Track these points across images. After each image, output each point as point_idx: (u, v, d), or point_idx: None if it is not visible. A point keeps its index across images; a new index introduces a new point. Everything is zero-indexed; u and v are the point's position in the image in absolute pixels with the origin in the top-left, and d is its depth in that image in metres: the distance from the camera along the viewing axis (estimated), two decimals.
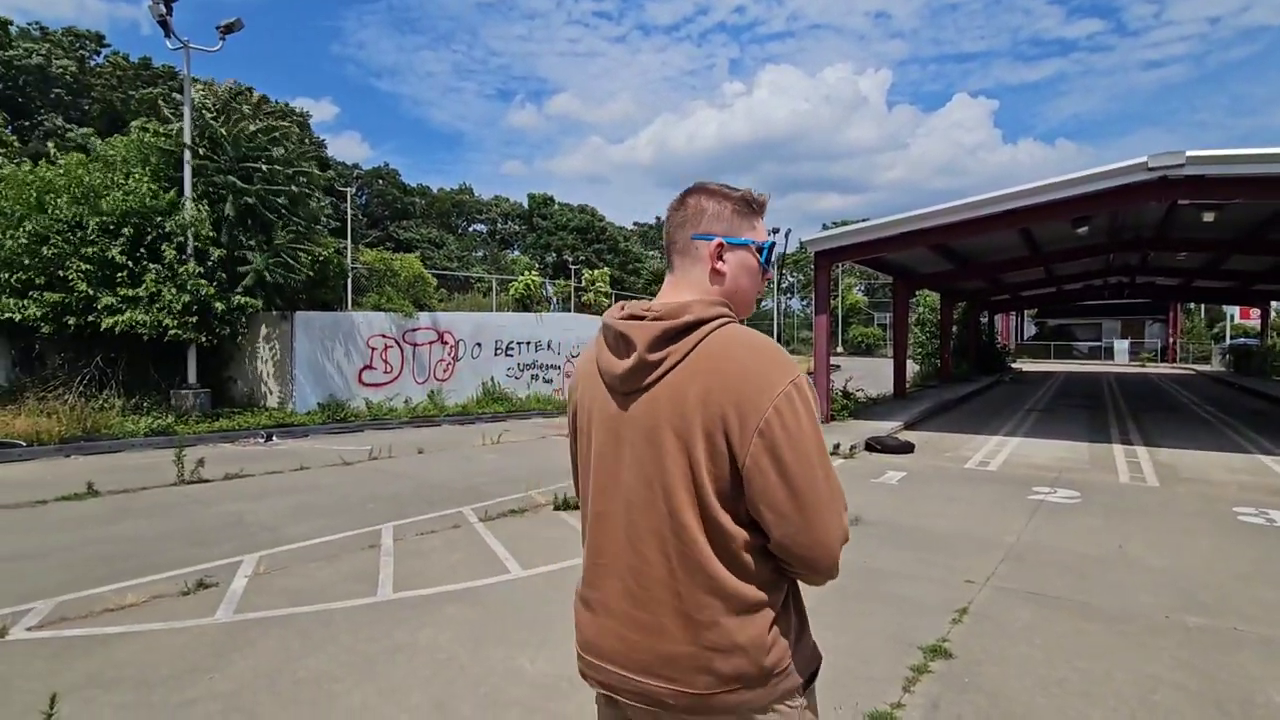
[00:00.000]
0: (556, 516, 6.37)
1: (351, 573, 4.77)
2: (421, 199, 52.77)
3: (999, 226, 12.71)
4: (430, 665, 3.39)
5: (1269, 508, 6.82)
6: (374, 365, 14.45)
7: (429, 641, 3.66)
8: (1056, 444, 11.11)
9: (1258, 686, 3.25)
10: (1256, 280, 23.82)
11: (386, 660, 3.45)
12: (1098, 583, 4.67)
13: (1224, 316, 41.90)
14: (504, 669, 3.36)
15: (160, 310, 11.52)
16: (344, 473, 8.55)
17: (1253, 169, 9.69)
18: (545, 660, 3.44)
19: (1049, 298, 33.26)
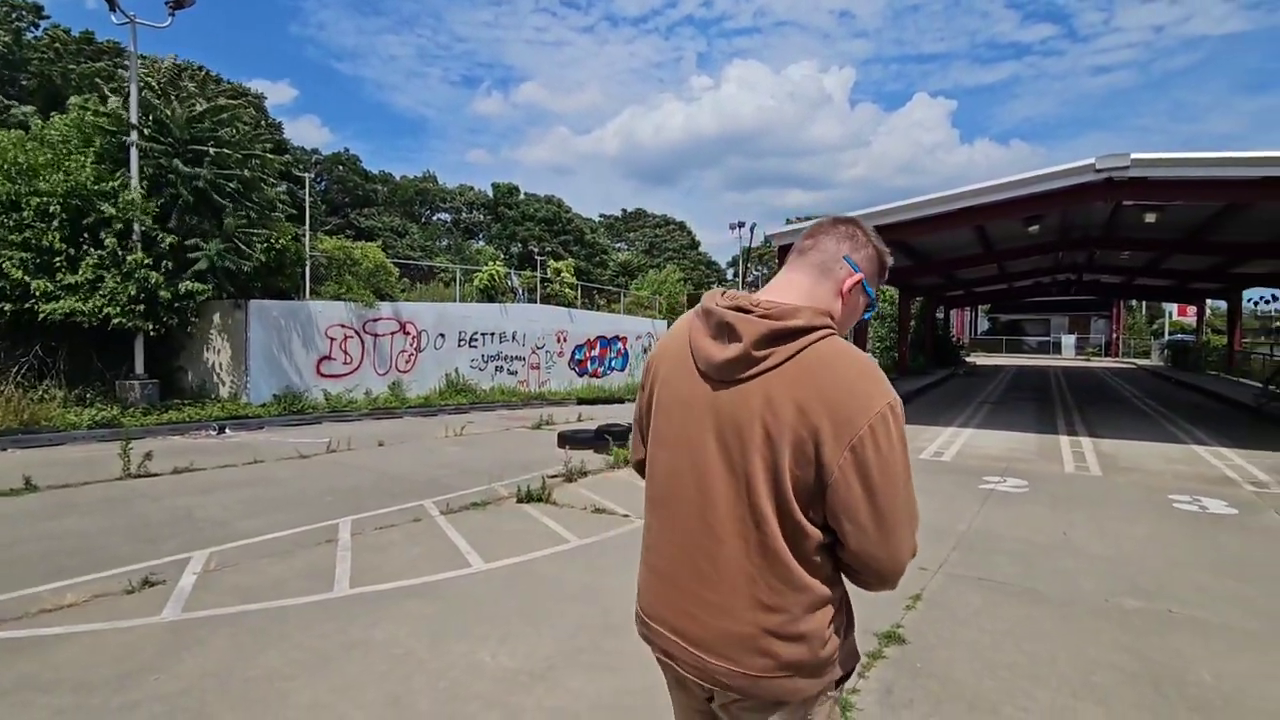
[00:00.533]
0: (520, 509, 6.33)
1: (306, 568, 4.66)
2: (384, 186, 51.57)
3: (955, 224, 13.05)
4: (387, 661, 3.34)
5: (1202, 495, 7.18)
6: (333, 356, 14.12)
7: (386, 637, 3.60)
8: (1006, 435, 11.49)
9: (1189, 666, 3.42)
10: (1194, 279, 24.99)
11: (342, 657, 3.38)
12: (1043, 568, 4.85)
13: (1163, 313, 43.88)
14: (464, 664, 3.33)
15: (103, 298, 11.04)
16: (300, 466, 8.34)
17: (1192, 172, 10.13)
18: (506, 654, 3.42)
19: (1001, 294, 34.36)
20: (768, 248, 49.22)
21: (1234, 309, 26.56)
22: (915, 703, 3.04)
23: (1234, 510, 6.58)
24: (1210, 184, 10.32)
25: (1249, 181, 10.01)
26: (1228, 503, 6.87)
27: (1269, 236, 15.77)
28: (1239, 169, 9.83)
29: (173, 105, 12.71)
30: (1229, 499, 7.04)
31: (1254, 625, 3.92)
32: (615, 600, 4.13)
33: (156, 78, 12.92)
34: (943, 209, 12.27)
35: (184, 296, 11.82)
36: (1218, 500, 6.96)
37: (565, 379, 19.58)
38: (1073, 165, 10.73)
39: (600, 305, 26.06)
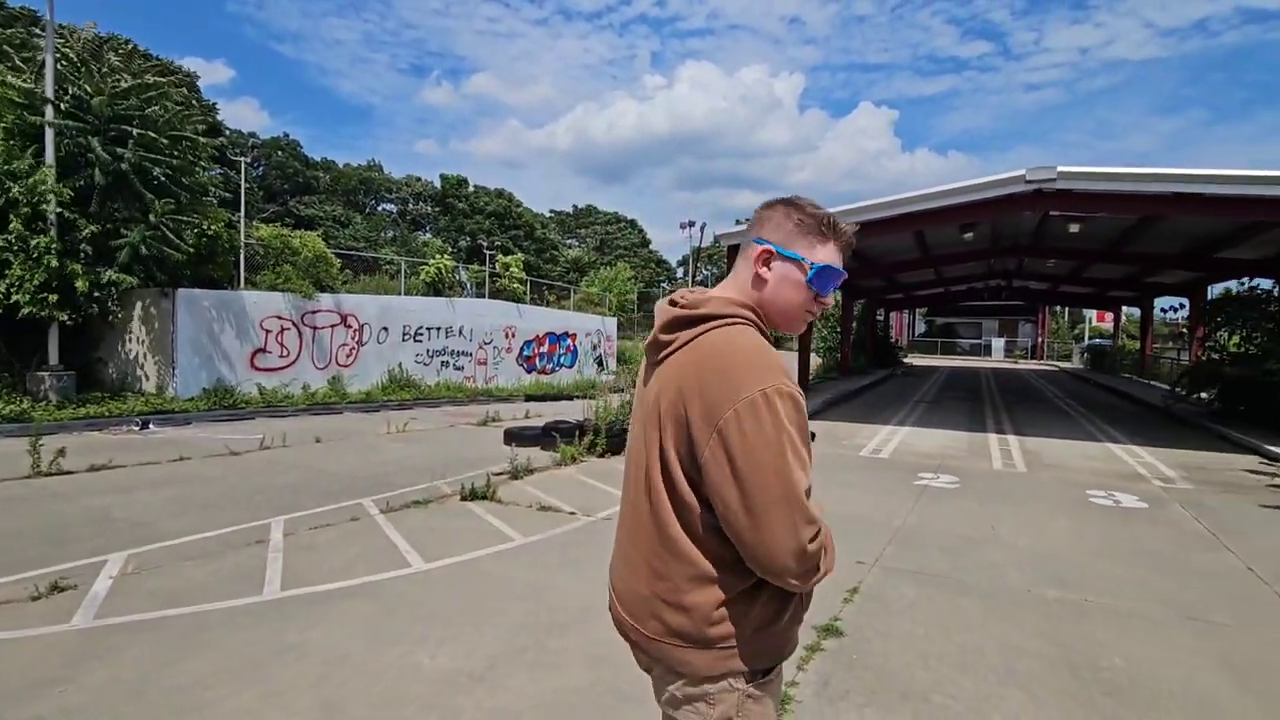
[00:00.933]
0: (464, 507, 6.21)
1: (235, 571, 4.46)
2: (326, 174, 49.70)
3: (897, 229, 13.48)
4: (321, 665, 3.23)
5: (1116, 490, 7.64)
6: (268, 349, 13.56)
7: (320, 641, 3.48)
8: (940, 433, 11.96)
9: (1103, 651, 3.63)
10: (1112, 287, 26.59)
11: (272, 662, 3.25)
12: (973, 561, 5.07)
13: (1084, 319, 46.53)
14: (401, 666, 3.24)
15: (9, 285, 10.28)
16: (230, 463, 7.98)
17: (1112, 186, 10.76)
18: (446, 655, 3.35)
19: (938, 298, 35.73)
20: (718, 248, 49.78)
21: (1146, 316, 28.36)
22: (851, 694, 3.13)
23: (1144, 504, 7.03)
24: (1128, 198, 10.99)
25: (1162, 196, 10.71)
26: (1139, 497, 7.33)
27: (1178, 248, 16.91)
28: (1153, 184, 10.50)
29: (94, 79, 11.92)
30: (1140, 494, 7.52)
31: (1158, 612, 4.20)
32: (560, 598, 4.10)
33: (76, 49, 12.03)
34: (885, 214, 12.66)
35: (104, 285, 11.12)
36: (1130, 495, 7.42)
37: (513, 375, 19.33)
38: (1005, 176, 11.24)
39: (550, 301, 25.85)
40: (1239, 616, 4.16)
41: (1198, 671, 3.42)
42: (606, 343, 24.00)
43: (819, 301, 1.35)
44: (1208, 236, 15.04)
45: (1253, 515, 6.72)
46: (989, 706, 3.04)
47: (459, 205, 53.02)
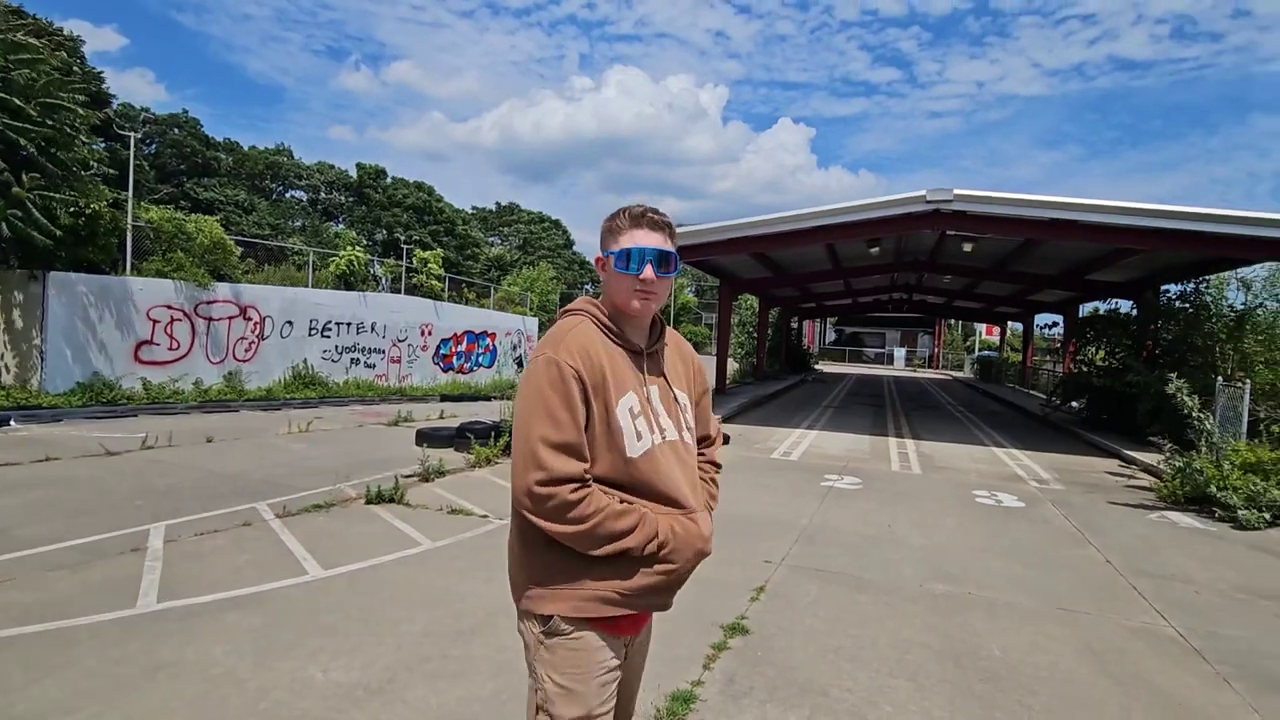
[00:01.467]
0: (369, 511, 5.95)
1: (105, 582, 4.08)
2: (228, 156, 46.39)
3: (810, 241, 14.05)
4: (200, 683, 3.00)
5: (998, 491, 8.26)
6: (156, 341, 12.51)
7: (199, 656, 3.23)
8: (846, 437, 12.54)
9: (982, 641, 3.91)
10: (999, 303, 28.79)
11: (143, 682, 2.99)
12: (870, 558, 5.35)
13: (975, 332, 50.13)
14: (291, 681, 3.06)
15: None
16: (106, 464, 7.30)
17: (1000, 210, 11.65)
18: (341, 668, 3.20)
19: (847, 308, 37.54)
20: None
21: (1028, 331, 30.85)
22: (754, 690, 3.22)
23: (1022, 504, 7.64)
24: (1014, 221, 11.93)
25: (1042, 221, 11.69)
26: (1017, 497, 7.96)
27: (1056, 270, 18.50)
28: (1034, 210, 11.45)
29: None
30: (1018, 494, 8.16)
31: (1031, 603, 4.57)
32: (468, 604, 4.00)
33: None
34: (800, 226, 13.17)
35: None
36: (1010, 495, 8.05)
37: (429, 374, 18.72)
38: (908, 195, 11.94)
39: (469, 300, 25.20)
40: (1098, 605, 4.58)
41: (1063, 657, 3.74)
42: (527, 343, 23.67)
43: (641, 280, 1.53)
44: (1080, 260, 16.54)
45: (1111, 513, 7.44)
46: (881, 697, 3.21)
47: (376, 196, 50.86)
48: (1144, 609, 4.56)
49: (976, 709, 3.14)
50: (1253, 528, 6.88)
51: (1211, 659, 3.79)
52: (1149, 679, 3.53)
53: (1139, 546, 6.10)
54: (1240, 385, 9.22)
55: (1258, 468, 7.64)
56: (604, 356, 1.50)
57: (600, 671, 1.52)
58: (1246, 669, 3.69)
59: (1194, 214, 10.68)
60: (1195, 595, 4.87)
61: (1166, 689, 3.42)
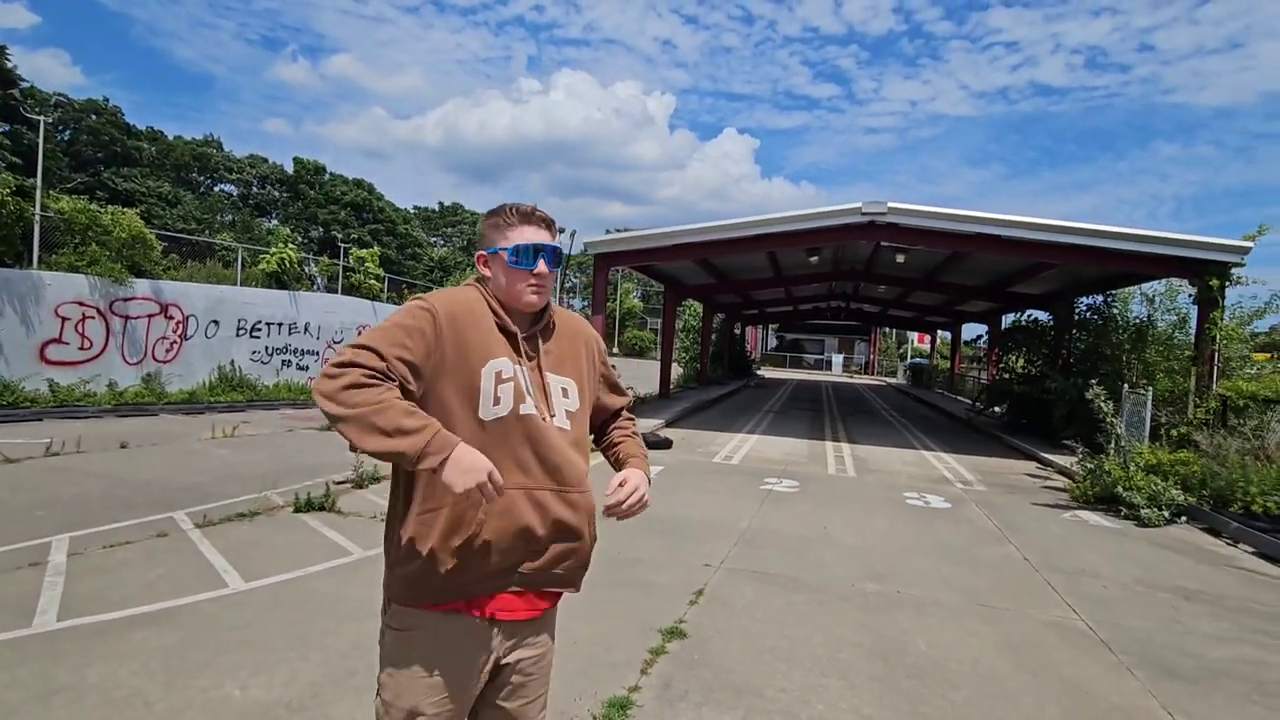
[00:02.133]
0: (296, 519, 5.71)
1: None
2: (151, 145, 43.81)
3: (752, 249, 14.33)
4: (101, 708, 2.80)
5: (926, 493, 8.61)
6: (65, 339, 11.67)
7: (102, 678, 3.02)
8: (785, 441, 12.83)
9: (909, 639, 4.05)
10: (930, 313, 30.10)
11: (36, 708, 2.76)
12: (806, 560, 5.48)
13: (907, 340, 52.25)
14: (205, 700, 2.90)
15: None
16: (4, 472, 6.75)
17: (931, 223, 12.19)
18: (261, 685, 3.05)
19: (787, 315, 38.47)
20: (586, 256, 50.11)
21: (956, 339, 32.32)
22: (690, 693, 3.24)
23: (948, 505, 7.97)
24: (942, 235, 12.49)
25: (968, 235, 12.29)
26: (944, 498, 8.31)
27: (981, 282, 19.46)
28: (961, 224, 12.03)
29: None
30: (945, 495, 8.52)
31: (956, 600, 4.77)
32: None
33: None
34: (742, 234, 13.42)
35: None
36: (937, 496, 8.39)
37: None
38: (845, 207, 12.35)
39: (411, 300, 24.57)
40: (1017, 600, 4.83)
41: (985, 652, 3.92)
42: None
43: (535, 274, 1.57)
44: (1003, 272, 17.46)
45: (1029, 512, 7.86)
46: (813, 696, 3.29)
47: (312, 193, 49.02)
48: (1057, 603, 4.83)
49: (903, 704, 3.26)
50: (1154, 525, 7.39)
51: (1116, 649, 4.05)
52: (1060, 670, 3.73)
53: (1054, 544, 6.45)
54: (1144, 392, 9.90)
55: (1158, 469, 8.22)
56: (477, 317, 1.54)
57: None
58: (1146, 658, 3.95)
59: (1104, 231, 11.43)
60: (1103, 589, 5.19)
61: (1076, 679, 3.63)
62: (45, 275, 11.62)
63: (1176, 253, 11.15)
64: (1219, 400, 10.32)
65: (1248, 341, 12.37)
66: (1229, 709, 3.41)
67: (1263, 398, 9.82)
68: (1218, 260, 10.88)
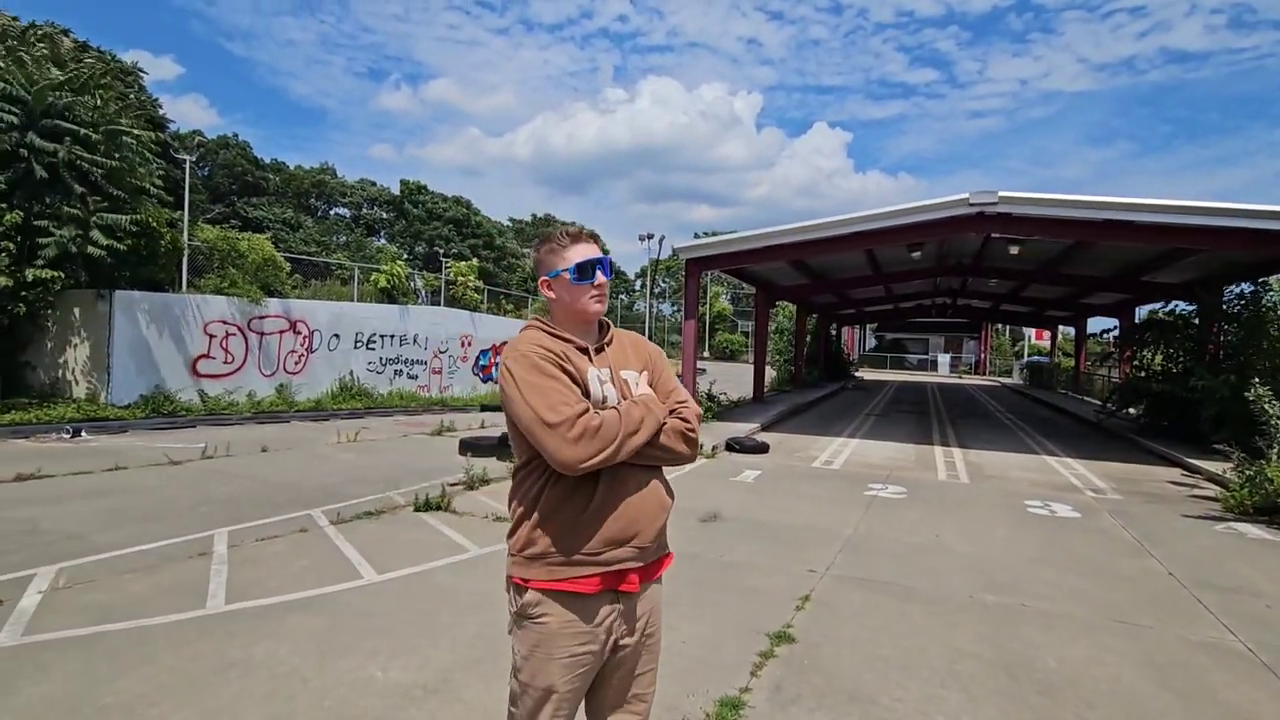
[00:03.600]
0: (417, 518, 6.12)
1: (175, 584, 4.29)
2: (276, 176, 48.29)
3: (849, 247, 13.89)
4: (268, 681, 3.14)
5: (1051, 500, 8.02)
6: (212, 354, 13.07)
7: (266, 655, 3.38)
8: (889, 445, 12.32)
9: (1037, 653, 3.81)
10: (1049, 307, 27.89)
11: (215, 679, 3.15)
12: (917, 568, 5.26)
13: (1023, 337, 48.65)
14: (352, 680, 3.18)
15: None
16: (170, 473, 7.66)
17: (1048, 211, 11.34)
18: (399, 668, 3.31)
19: (887, 314, 36.82)
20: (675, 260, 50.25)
21: (1080, 335, 29.80)
22: (802, 697, 3.21)
23: (1077, 514, 7.39)
24: (1062, 223, 11.60)
25: (1093, 223, 11.35)
26: (1072, 507, 7.71)
27: (1109, 272, 17.89)
28: (1085, 211, 11.12)
29: (26, 69, 11.36)
30: (1073, 504, 7.91)
31: (1088, 615, 4.43)
32: None
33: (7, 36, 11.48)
34: (838, 232, 13.04)
35: (32, 285, 10.57)
36: (1064, 505, 7.80)
37: (469, 385, 19.07)
38: (950, 199, 11.72)
39: (508, 310, 25.60)
40: (1160, 618, 4.42)
41: (1124, 671, 3.63)
42: None
43: (596, 285, 1.75)
44: (1135, 261, 15.98)
45: (1174, 524, 7.15)
46: (932, 707, 3.17)
47: (415, 211, 52.20)
48: (1210, 622, 4.38)
49: None
50: None
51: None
52: (1215, 693, 3.39)
53: (1204, 558, 5.85)
54: None
55: None
56: (558, 345, 1.72)
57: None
58: None
59: (1255, 211, 10.23)
60: (1266, 609, 4.66)
61: (1233, 703, 3.29)
62: (195, 298, 13.05)
63: None
64: None
65: None
66: None
67: None
68: None
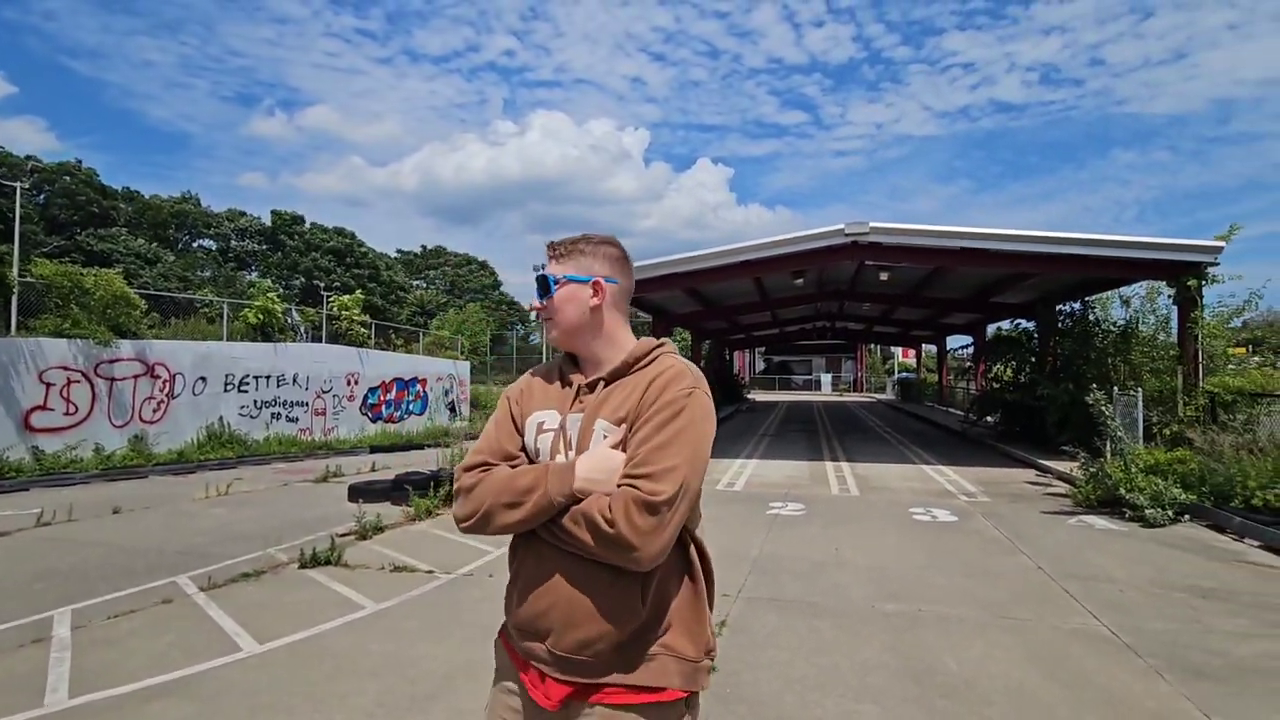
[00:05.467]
0: (303, 575, 5.59)
1: (5, 680, 3.64)
2: (128, 205, 43.73)
3: (738, 275, 14.50)
4: None
5: (931, 506, 8.62)
6: (50, 405, 11.47)
7: None
8: (785, 464, 12.82)
9: (938, 657, 4.02)
10: (914, 327, 30.50)
11: None
12: (822, 584, 5.44)
13: (893, 355, 52.71)
14: None
15: None
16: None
17: (913, 240, 12.43)
18: None
19: (774, 338, 38.78)
20: None
21: (941, 352, 32.68)
22: None
23: (955, 518, 7.98)
24: (925, 251, 12.74)
25: (951, 250, 12.54)
26: (950, 511, 8.33)
27: (964, 294, 19.80)
28: (944, 240, 12.28)
29: None
30: (950, 508, 8.54)
31: (977, 615, 4.76)
32: (422, 668, 3.81)
33: None
34: (728, 261, 13.59)
35: None
36: (943, 510, 8.41)
37: (356, 425, 17.94)
38: (828, 229, 12.57)
39: (398, 345, 24.42)
40: (1037, 611, 4.82)
41: (1014, 666, 3.90)
42: (460, 387, 23.12)
43: (531, 308, 1.54)
44: (985, 284, 17.79)
45: (1035, 520, 7.89)
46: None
47: (291, 243, 49.03)
48: (1077, 610, 4.83)
49: None
50: (1159, 524, 7.45)
51: (1143, 653, 4.05)
52: (1091, 679, 3.72)
53: (1064, 551, 6.47)
54: (1134, 393, 10.06)
55: (1157, 469, 8.31)
56: (540, 378, 1.56)
57: None
58: (1174, 660, 3.95)
59: (1082, 239, 11.73)
60: (1119, 593, 5.20)
61: (1108, 687, 3.62)
62: (26, 342, 11.46)
63: (1153, 255, 11.45)
64: (1207, 397, 10.51)
65: (1228, 338, 12.66)
66: (1264, 706, 3.41)
67: (1249, 391, 10.02)
68: (1193, 261, 11.18)
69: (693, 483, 1.34)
